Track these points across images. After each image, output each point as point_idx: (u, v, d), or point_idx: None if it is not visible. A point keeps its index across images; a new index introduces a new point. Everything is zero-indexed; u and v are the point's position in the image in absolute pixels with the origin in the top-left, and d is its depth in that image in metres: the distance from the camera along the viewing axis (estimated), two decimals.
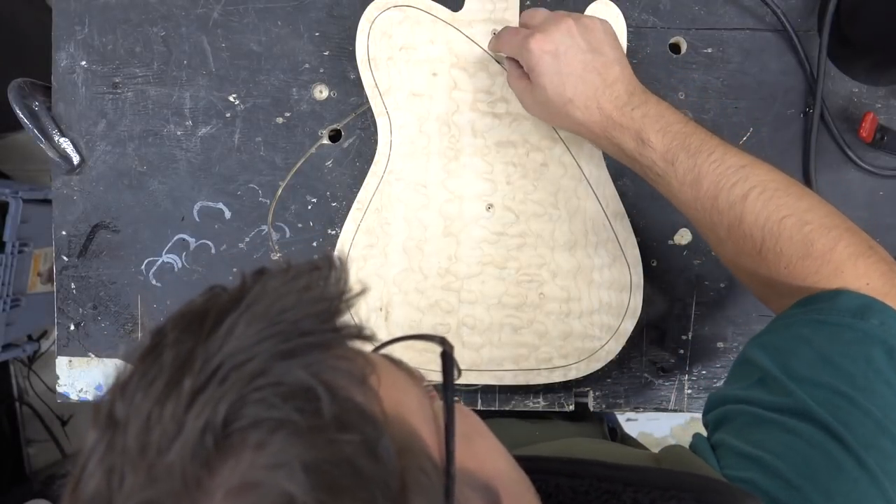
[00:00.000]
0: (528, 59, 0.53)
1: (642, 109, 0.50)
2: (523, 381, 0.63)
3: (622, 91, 0.51)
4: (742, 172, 0.47)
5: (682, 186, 0.50)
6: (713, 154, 0.48)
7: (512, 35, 0.55)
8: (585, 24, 0.52)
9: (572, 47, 0.51)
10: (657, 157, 0.50)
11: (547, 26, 0.52)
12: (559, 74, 0.52)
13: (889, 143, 0.61)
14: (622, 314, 0.63)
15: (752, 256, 0.48)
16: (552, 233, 0.63)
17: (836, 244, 0.45)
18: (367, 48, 0.62)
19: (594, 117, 0.52)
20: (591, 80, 0.51)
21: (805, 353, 0.41)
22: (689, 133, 0.50)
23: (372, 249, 0.63)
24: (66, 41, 0.68)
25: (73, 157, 0.68)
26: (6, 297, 1.32)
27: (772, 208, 0.46)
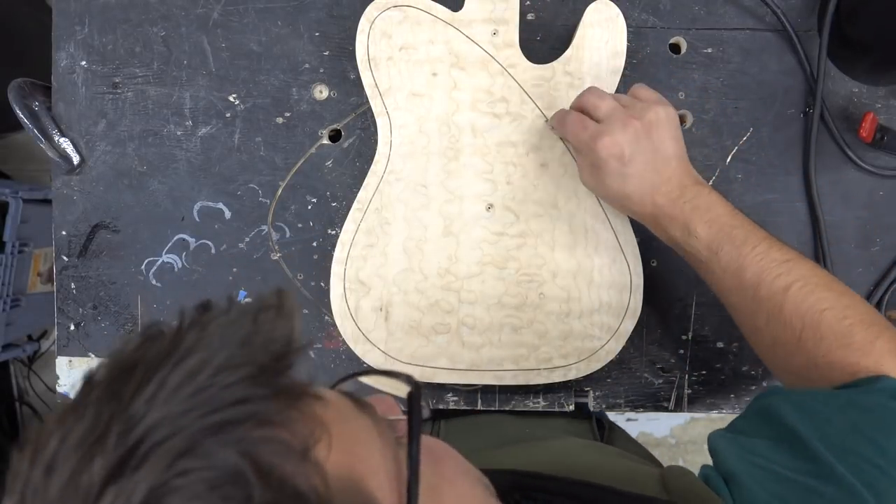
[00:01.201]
0: (595, 159, 0.54)
1: (693, 202, 0.53)
2: (523, 381, 0.63)
3: (675, 185, 0.53)
4: (785, 266, 0.49)
5: (724, 275, 0.52)
6: (758, 247, 0.50)
7: (579, 128, 0.55)
8: (651, 122, 0.53)
9: (637, 151, 0.53)
10: (702, 247, 0.52)
11: (614, 127, 0.53)
12: (622, 176, 0.54)
13: (889, 143, 0.61)
14: (622, 314, 0.63)
15: (789, 345, 0.49)
16: (552, 233, 0.63)
17: (877, 338, 0.46)
18: (367, 48, 0.62)
19: (647, 210, 0.55)
20: (650, 179, 0.54)
21: (840, 423, 0.41)
22: (736, 225, 0.52)
23: (372, 249, 0.63)
24: (66, 41, 0.68)
25: (73, 157, 0.68)
26: (6, 297, 1.32)
27: (813, 300, 0.48)
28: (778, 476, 0.40)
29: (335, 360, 0.68)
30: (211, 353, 0.23)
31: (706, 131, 0.67)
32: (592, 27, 0.61)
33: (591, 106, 0.56)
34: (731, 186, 0.67)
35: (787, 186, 0.67)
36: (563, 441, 0.61)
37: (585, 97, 0.56)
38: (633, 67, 0.67)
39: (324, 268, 0.68)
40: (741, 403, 0.68)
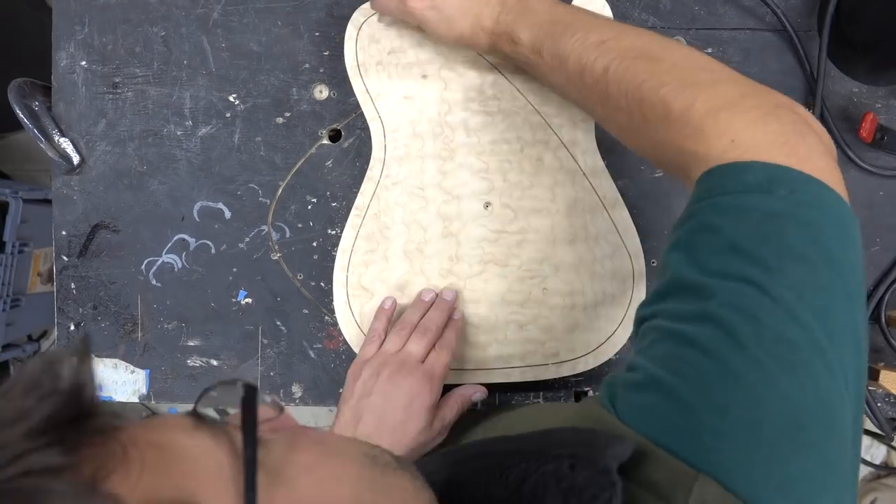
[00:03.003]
0: (416, 19, 0.56)
1: (514, 13, 0.53)
2: (532, 378, 0.63)
3: (495, 5, 0.53)
4: (602, 48, 0.47)
5: (551, 72, 0.51)
6: (576, 35, 0.48)
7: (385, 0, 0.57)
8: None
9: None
10: (528, 51, 0.52)
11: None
12: (445, 20, 0.55)
13: (889, 143, 0.61)
14: (627, 304, 0.63)
15: (630, 128, 0.47)
16: (551, 227, 0.63)
17: (694, 101, 0.41)
18: (356, 54, 0.62)
19: (484, 40, 0.55)
20: (470, 8, 0.54)
21: (714, 243, 0.38)
22: (557, 21, 0.51)
23: (373, 255, 0.63)
24: (66, 41, 0.68)
25: (73, 157, 0.68)
26: (6, 297, 1.32)
27: (629, 76, 0.45)
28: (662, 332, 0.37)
29: (335, 360, 0.68)
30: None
31: None
32: None
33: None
34: None
35: None
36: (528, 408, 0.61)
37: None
38: None
39: (324, 268, 0.68)
40: None
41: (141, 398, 0.69)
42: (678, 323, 0.37)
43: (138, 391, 0.69)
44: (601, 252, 0.63)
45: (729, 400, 0.33)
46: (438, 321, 0.60)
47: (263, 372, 0.69)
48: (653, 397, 0.36)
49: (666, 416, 0.35)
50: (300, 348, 0.69)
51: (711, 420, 0.33)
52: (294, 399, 0.69)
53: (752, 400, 0.33)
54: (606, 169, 0.63)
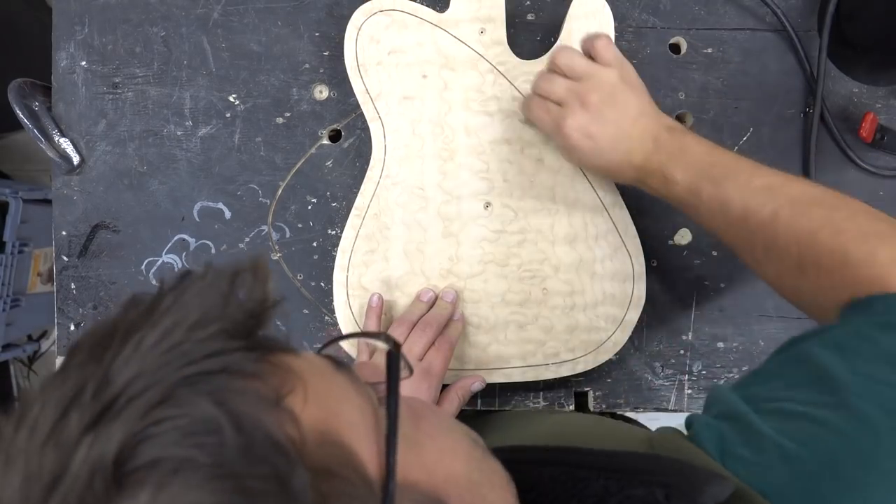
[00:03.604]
0: (565, 139, 0.56)
1: (667, 152, 0.52)
2: (532, 378, 0.64)
3: (648, 139, 0.53)
4: (770, 193, 0.48)
5: (710, 214, 0.51)
6: (738, 179, 0.49)
7: (543, 115, 0.57)
8: (608, 92, 0.54)
9: (603, 124, 0.54)
10: (683, 192, 0.52)
11: (574, 109, 0.54)
12: (595, 151, 0.55)
13: (889, 143, 0.61)
14: (626, 304, 0.63)
15: (792, 273, 0.47)
16: (552, 227, 0.63)
17: (876, 249, 0.43)
18: (356, 54, 0.62)
19: (630, 174, 0.55)
20: (623, 145, 0.54)
21: (868, 351, 0.39)
22: (714, 163, 0.51)
23: (373, 255, 0.63)
24: (66, 41, 0.68)
25: (73, 157, 0.68)
26: (6, 297, 1.32)
27: (804, 222, 0.46)
28: (782, 411, 0.38)
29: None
30: (186, 313, 0.24)
31: (706, 131, 0.67)
32: (579, 20, 0.61)
33: (546, 91, 0.56)
34: None
35: None
36: (566, 416, 0.61)
37: (540, 84, 0.57)
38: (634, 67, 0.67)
39: (324, 268, 0.68)
40: None
41: None
42: (815, 409, 0.37)
43: None
44: (601, 252, 0.63)
45: (858, 479, 0.34)
46: (438, 319, 0.60)
47: None
48: (774, 458, 0.36)
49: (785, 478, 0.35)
50: (300, 348, 0.68)
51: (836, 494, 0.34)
52: None
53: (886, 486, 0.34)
54: None
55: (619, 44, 0.66)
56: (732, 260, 0.67)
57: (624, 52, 0.66)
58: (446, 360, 0.59)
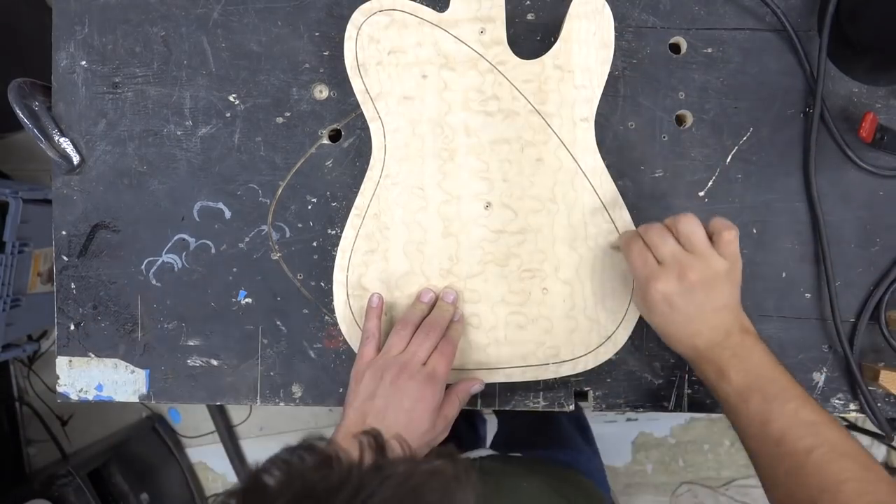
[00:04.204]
0: (646, 294, 0.56)
1: (733, 349, 0.54)
2: (532, 378, 0.64)
3: (720, 332, 0.54)
4: (813, 428, 0.49)
5: (749, 423, 0.52)
6: (788, 404, 0.51)
7: (639, 262, 0.56)
8: (707, 280, 0.54)
9: (685, 301, 0.54)
10: (732, 392, 0.53)
11: (669, 275, 0.54)
12: (667, 317, 0.55)
13: (889, 143, 0.61)
14: (626, 304, 0.63)
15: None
16: (551, 227, 0.63)
17: None
18: (356, 54, 0.62)
19: (687, 351, 0.56)
20: (694, 326, 0.55)
21: None
22: (773, 379, 0.52)
23: (373, 255, 0.63)
24: (66, 41, 0.68)
25: (73, 157, 0.68)
26: (6, 297, 1.32)
27: (835, 468, 0.47)
28: None
29: (335, 359, 0.68)
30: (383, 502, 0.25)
31: (706, 131, 0.67)
32: (579, 19, 0.61)
33: (652, 245, 0.56)
34: (731, 186, 0.67)
35: (787, 186, 0.67)
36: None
37: (650, 233, 0.56)
38: (634, 67, 0.67)
39: (324, 268, 0.68)
40: None
41: (141, 398, 0.69)
42: None
43: (138, 391, 0.69)
44: (601, 252, 0.63)
45: None
46: (441, 322, 0.60)
47: (263, 372, 0.69)
48: None
49: None
50: (300, 348, 0.69)
51: None
52: (294, 399, 0.69)
53: None
54: (606, 169, 0.63)
55: (619, 44, 0.66)
56: None
57: (624, 51, 0.67)
58: (450, 363, 0.59)
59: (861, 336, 0.67)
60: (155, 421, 1.72)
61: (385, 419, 0.55)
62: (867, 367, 0.66)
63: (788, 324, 0.68)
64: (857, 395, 0.67)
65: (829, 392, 0.68)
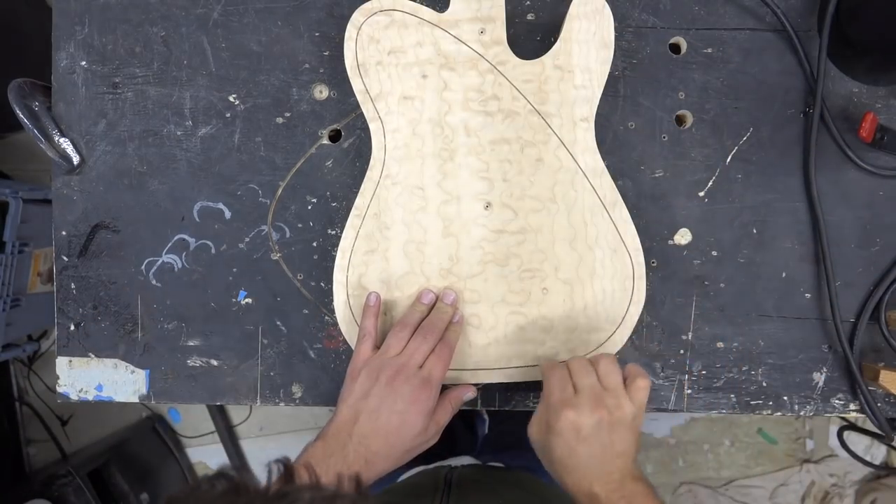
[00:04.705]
0: (556, 421, 0.55)
1: (628, 498, 0.54)
2: (532, 378, 0.64)
3: (616, 479, 0.54)
4: None
5: None
6: None
7: (555, 387, 0.57)
8: (617, 420, 0.54)
9: (593, 436, 0.54)
10: None
11: (585, 403, 0.54)
12: (570, 450, 0.55)
13: (889, 143, 0.61)
14: (626, 304, 0.63)
15: None
16: (551, 227, 0.63)
17: None
18: (356, 54, 0.62)
19: (583, 492, 0.55)
20: (595, 467, 0.55)
21: None
22: None
23: (373, 255, 0.63)
24: (66, 41, 0.68)
25: (73, 157, 0.68)
26: (6, 297, 1.32)
27: None
28: None
29: (335, 360, 0.68)
30: None
31: (706, 131, 0.67)
32: (579, 19, 0.61)
33: (575, 372, 0.57)
34: (731, 186, 0.67)
35: (787, 186, 0.67)
36: None
37: (576, 363, 0.57)
38: (633, 67, 0.67)
39: (324, 268, 0.68)
40: (741, 403, 0.68)
41: (141, 398, 0.69)
42: None
43: (138, 391, 0.69)
44: (601, 251, 0.63)
45: None
46: (439, 325, 0.60)
47: (263, 372, 0.69)
48: None
49: None
50: (300, 348, 0.69)
51: None
52: (294, 399, 0.69)
53: None
54: (606, 169, 0.63)
55: (619, 44, 0.66)
56: (732, 260, 0.67)
57: (624, 51, 0.67)
58: (446, 366, 0.59)
59: (861, 336, 0.67)
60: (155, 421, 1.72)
61: (378, 419, 0.56)
62: (867, 367, 0.66)
63: (788, 324, 0.68)
64: (857, 395, 0.67)
65: (829, 392, 0.68)
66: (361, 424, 0.56)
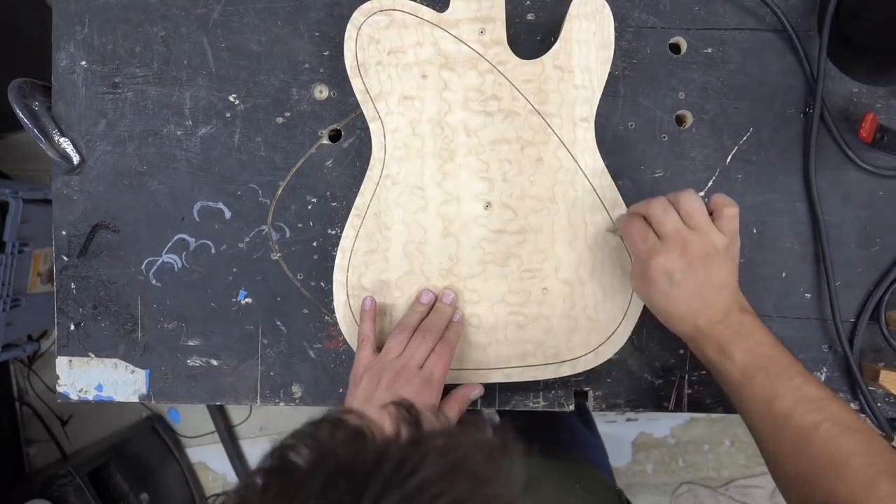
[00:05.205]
0: (646, 271, 0.55)
1: (734, 328, 0.53)
2: (532, 378, 0.64)
3: (720, 310, 0.54)
4: (818, 403, 0.50)
5: (754, 402, 0.52)
6: (794, 380, 0.51)
7: (639, 239, 0.56)
8: (708, 254, 0.54)
9: (687, 276, 0.54)
10: (736, 371, 0.53)
11: (671, 248, 0.54)
12: (668, 295, 0.55)
13: (889, 143, 0.61)
14: (626, 304, 0.63)
15: (811, 480, 0.49)
16: (551, 227, 0.63)
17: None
18: (356, 54, 0.62)
19: (687, 329, 0.55)
20: (695, 304, 0.54)
21: None
22: (774, 356, 0.52)
23: (373, 255, 0.63)
24: (66, 41, 0.68)
25: (73, 157, 0.68)
26: (6, 297, 1.32)
27: (842, 441, 0.48)
28: None
29: (335, 360, 0.68)
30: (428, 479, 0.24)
31: (706, 131, 0.67)
32: (579, 19, 0.61)
33: (655, 219, 0.56)
34: (732, 186, 0.67)
35: (787, 186, 0.67)
36: None
37: (653, 207, 0.56)
38: (634, 67, 0.67)
39: (324, 268, 0.68)
40: None
41: (141, 398, 0.69)
42: None
43: (138, 391, 0.69)
44: (601, 252, 0.63)
45: None
46: (438, 325, 0.60)
47: (263, 372, 0.69)
48: None
49: None
50: (300, 348, 0.69)
51: None
52: (294, 399, 0.69)
53: None
54: (606, 169, 0.63)
55: (619, 44, 0.66)
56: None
57: (624, 51, 0.67)
58: (447, 366, 0.59)
59: (861, 336, 0.67)
60: (155, 421, 1.72)
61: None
62: (867, 367, 0.66)
63: (788, 324, 0.68)
64: (857, 395, 0.67)
65: None
66: None
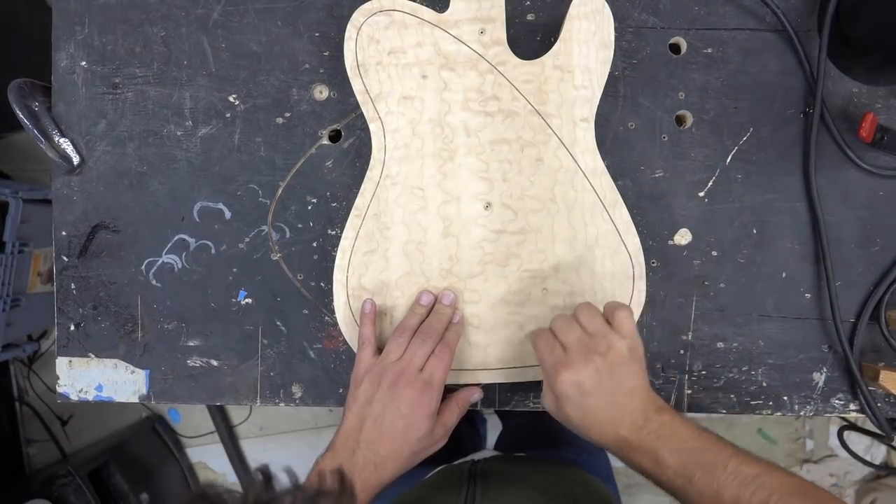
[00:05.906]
0: (555, 386, 0.55)
1: (658, 432, 0.53)
2: (532, 378, 0.64)
3: (639, 416, 0.54)
4: (758, 481, 0.50)
5: (701, 498, 0.52)
6: (728, 466, 0.51)
7: (546, 352, 0.56)
8: (613, 360, 0.54)
9: (597, 386, 0.54)
10: (673, 475, 0.52)
11: (576, 360, 0.54)
12: (581, 408, 0.54)
13: (889, 143, 0.61)
14: (627, 303, 0.63)
15: None
16: (551, 227, 0.63)
17: None
18: (356, 54, 0.62)
19: (610, 441, 0.55)
20: (611, 413, 0.54)
21: None
22: (704, 448, 0.52)
23: (373, 255, 0.63)
24: (66, 41, 0.68)
25: (73, 158, 0.68)
26: (6, 297, 1.32)
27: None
28: None
29: (335, 360, 0.68)
30: None
31: (706, 131, 0.67)
32: (579, 19, 0.61)
33: (558, 331, 0.56)
34: (731, 186, 0.67)
35: (787, 186, 0.67)
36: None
37: (557, 320, 0.57)
38: (634, 67, 0.67)
39: (324, 268, 0.68)
40: (741, 403, 0.68)
41: (141, 398, 0.69)
42: None
43: (138, 391, 0.69)
44: (601, 252, 0.63)
45: None
46: (438, 326, 0.60)
47: (263, 372, 0.69)
48: None
49: None
50: (300, 348, 0.69)
51: None
52: (294, 399, 0.69)
53: None
54: (606, 169, 0.63)
55: (619, 44, 0.66)
56: (732, 260, 0.67)
57: (624, 51, 0.67)
58: (447, 368, 0.59)
59: (861, 336, 0.67)
60: (155, 421, 1.72)
61: (383, 424, 0.56)
62: (867, 367, 0.66)
63: (788, 324, 0.68)
64: (857, 395, 0.67)
65: (829, 392, 0.68)
66: (367, 430, 0.56)
